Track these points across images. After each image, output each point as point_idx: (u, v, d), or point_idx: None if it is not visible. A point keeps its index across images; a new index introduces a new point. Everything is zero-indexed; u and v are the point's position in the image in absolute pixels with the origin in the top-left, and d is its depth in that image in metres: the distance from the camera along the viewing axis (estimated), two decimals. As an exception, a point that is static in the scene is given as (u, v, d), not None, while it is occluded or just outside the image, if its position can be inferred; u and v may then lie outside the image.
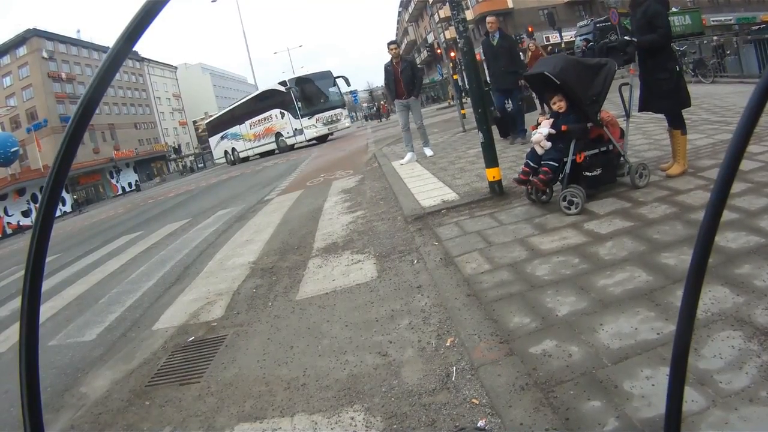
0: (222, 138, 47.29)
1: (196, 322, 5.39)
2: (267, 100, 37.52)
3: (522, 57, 14.38)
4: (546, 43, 51.15)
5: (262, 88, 40.74)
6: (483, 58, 12.58)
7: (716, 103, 11.47)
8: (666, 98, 5.99)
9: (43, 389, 4.59)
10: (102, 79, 0.69)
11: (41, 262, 0.69)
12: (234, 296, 5.87)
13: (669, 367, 0.68)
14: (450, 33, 37.75)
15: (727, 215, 4.41)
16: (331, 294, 5.18)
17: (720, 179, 0.62)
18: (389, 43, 12.37)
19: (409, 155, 12.27)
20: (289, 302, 5.26)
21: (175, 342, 5.00)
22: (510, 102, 12.00)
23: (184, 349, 4.76)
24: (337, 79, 36.29)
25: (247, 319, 5.12)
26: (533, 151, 5.99)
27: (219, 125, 48.25)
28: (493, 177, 6.94)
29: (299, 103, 33.71)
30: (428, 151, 12.64)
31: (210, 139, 51.93)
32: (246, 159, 43.41)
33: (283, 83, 35.25)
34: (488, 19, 11.87)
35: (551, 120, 5.93)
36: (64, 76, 69.97)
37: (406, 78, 12.08)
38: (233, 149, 45.44)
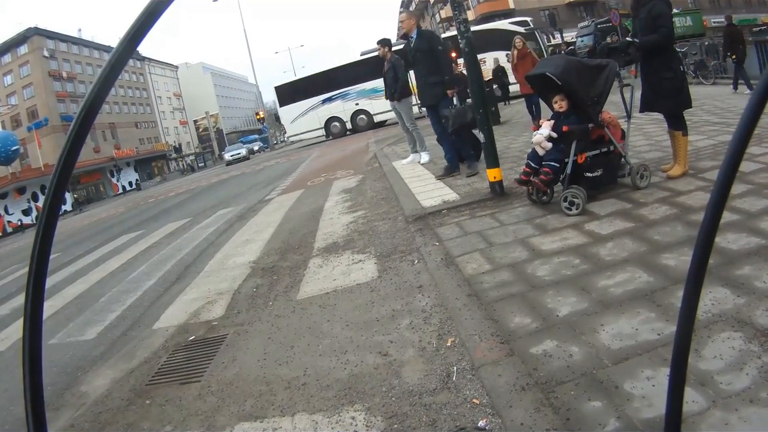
0: (325, 102, 36.18)
1: (197, 321, 5.40)
2: (480, 42, 31.22)
3: (507, 58, 13.65)
4: (548, 43, 51.15)
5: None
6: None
7: (717, 105, 11.48)
8: (669, 98, 5.99)
9: (44, 388, 4.59)
10: (106, 80, 0.68)
11: (44, 262, 0.69)
12: (235, 295, 5.88)
13: (669, 367, 0.68)
14: (451, 33, 37.66)
15: (728, 216, 4.41)
16: (332, 294, 5.19)
17: (720, 179, 0.62)
18: (376, 42, 11.40)
19: (411, 156, 12.14)
20: (290, 302, 5.27)
21: (176, 341, 5.01)
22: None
23: (184, 348, 4.77)
24: None
25: (247, 318, 5.13)
26: (534, 151, 6.00)
27: (315, 86, 36.27)
28: (494, 177, 6.94)
29: (541, 46, 29.60)
30: (423, 157, 11.67)
31: (283, 109, 37.71)
32: (384, 123, 35.49)
33: (522, 23, 31.61)
34: (400, 16, 9.70)
35: (552, 121, 5.94)
36: (65, 74, 69.95)
37: (388, 80, 11.28)
38: (356, 113, 35.76)
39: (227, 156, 56.45)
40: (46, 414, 0.73)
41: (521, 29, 29.62)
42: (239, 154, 54.71)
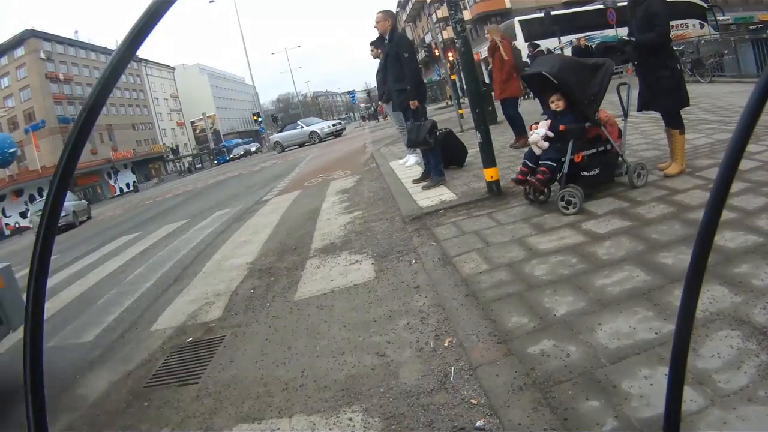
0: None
1: (194, 323, 5.40)
2: (680, 10, 33.09)
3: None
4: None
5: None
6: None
7: (714, 103, 11.49)
8: (667, 97, 6.00)
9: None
10: (107, 81, 0.68)
11: (45, 265, 0.69)
12: (232, 297, 5.88)
13: (668, 366, 0.68)
14: (447, 33, 37.49)
15: (725, 214, 4.38)
16: (329, 294, 5.19)
17: (719, 178, 0.61)
18: (369, 44, 10.63)
19: (407, 156, 12.02)
20: (287, 303, 5.27)
21: (173, 343, 5.01)
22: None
23: (182, 350, 4.77)
24: None
25: (245, 319, 5.12)
26: (531, 151, 6.00)
27: (564, 25, 33.53)
28: (491, 177, 6.93)
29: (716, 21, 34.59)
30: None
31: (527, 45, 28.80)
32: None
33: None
34: (376, 17, 9.02)
35: (549, 121, 5.94)
36: (62, 77, 69.79)
37: (379, 81, 10.93)
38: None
39: (326, 126, 41.08)
40: (46, 417, 0.71)
41: (705, 4, 34.31)
42: (339, 124, 42.00)
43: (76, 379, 4.72)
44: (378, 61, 10.50)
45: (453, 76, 20.59)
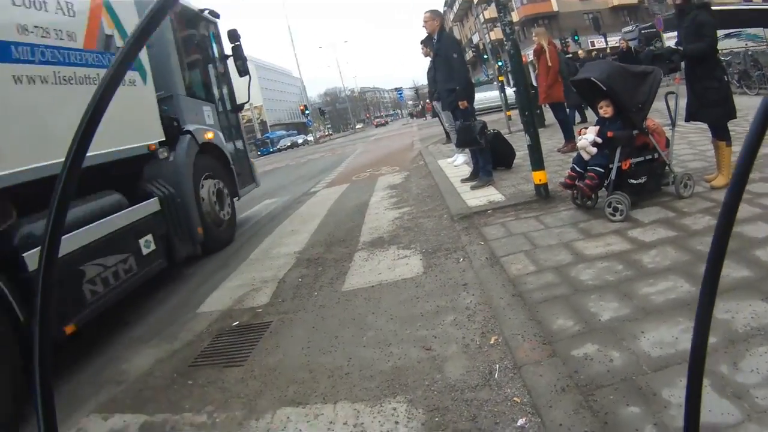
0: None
1: (241, 307, 5.53)
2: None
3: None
4: (591, 47, 50.22)
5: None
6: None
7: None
8: (713, 108, 5.95)
9: (85, 365, 4.78)
10: (112, 78, 0.69)
11: (53, 262, 0.70)
12: (279, 284, 5.99)
13: (707, 378, 0.74)
14: (495, 34, 37.02)
15: (766, 229, 4.40)
16: (377, 287, 5.27)
17: (731, 186, 0.67)
18: (420, 42, 10.94)
19: (456, 155, 12.00)
20: (335, 293, 5.37)
21: (219, 326, 5.14)
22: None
23: (228, 333, 4.90)
24: None
25: (292, 307, 5.23)
26: (579, 156, 6.02)
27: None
28: (540, 180, 6.96)
29: None
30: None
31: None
32: None
33: None
34: (424, 16, 9.03)
35: (597, 126, 5.96)
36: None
37: (429, 80, 11.18)
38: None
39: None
40: (56, 414, 0.72)
41: None
42: None
43: (119, 356, 4.87)
44: (429, 59, 10.59)
45: (501, 78, 20.45)
